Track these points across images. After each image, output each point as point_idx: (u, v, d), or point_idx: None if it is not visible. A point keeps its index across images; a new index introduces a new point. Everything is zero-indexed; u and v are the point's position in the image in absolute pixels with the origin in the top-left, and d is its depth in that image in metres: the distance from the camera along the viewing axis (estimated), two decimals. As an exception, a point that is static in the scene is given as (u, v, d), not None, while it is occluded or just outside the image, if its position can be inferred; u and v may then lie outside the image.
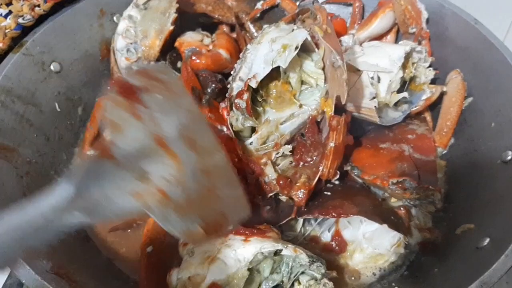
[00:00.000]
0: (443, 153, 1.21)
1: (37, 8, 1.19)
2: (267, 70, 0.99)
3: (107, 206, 0.58)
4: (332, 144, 0.94)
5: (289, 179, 1.00)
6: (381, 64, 1.09)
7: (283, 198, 1.03)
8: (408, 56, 1.13)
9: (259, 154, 1.03)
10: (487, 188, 1.03)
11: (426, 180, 1.02)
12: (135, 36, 1.26)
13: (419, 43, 1.28)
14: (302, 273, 0.85)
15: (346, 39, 1.28)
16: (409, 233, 1.03)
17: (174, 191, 0.64)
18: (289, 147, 1.02)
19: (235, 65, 1.08)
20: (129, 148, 0.61)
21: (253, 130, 1.05)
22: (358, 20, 1.41)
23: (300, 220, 1.05)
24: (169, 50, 1.28)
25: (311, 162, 1.00)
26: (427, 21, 1.29)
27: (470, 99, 1.20)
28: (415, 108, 1.18)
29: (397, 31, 1.37)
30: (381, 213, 1.00)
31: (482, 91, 1.17)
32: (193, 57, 1.21)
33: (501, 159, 1.03)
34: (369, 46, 1.18)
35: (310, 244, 1.04)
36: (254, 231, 0.88)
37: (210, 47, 1.26)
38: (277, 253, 0.84)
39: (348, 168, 1.11)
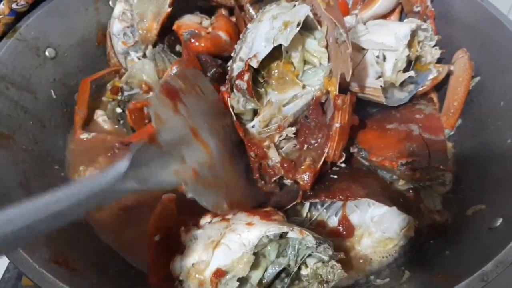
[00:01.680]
0: (450, 134, 1.18)
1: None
2: (268, 49, 0.95)
3: (153, 179, 0.72)
4: (337, 125, 0.90)
5: (293, 162, 0.97)
6: (387, 42, 1.06)
7: (288, 182, 1.00)
8: (414, 34, 1.09)
9: (262, 137, 1.00)
10: (498, 168, 1.00)
11: (436, 159, 0.98)
12: (131, 19, 1.23)
13: (424, 22, 1.25)
14: (309, 255, 0.81)
15: (349, 19, 1.24)
16: (419, 216, 0.99)
17: (204, 172, 0.83)
18: (293, 129, 0.98)
19: (235, 46, 1.05)
20: (171, 136, 0.77)
21: (255, 112, 1.01)
22: (361, 1, 1.38)
23: (306, 205, 1.01)
24: (167, 33, 1.25)
25: (316, 144, 0.97)
26: (432, -1, 1.26)
27: (477, 79, 1.16)
28: (421, 88, 1.15)
29: (401, 11, 1.34)
30: (390, 195, 0.97)
31: (490, 70, 1.14)
32: (192, 40, 1.18)
33: (511, 138, 1.00)
34: (374, 24, 1.14)
35: (317, 229, 1.00)
36: (259, 211, 0.86)
37: (209, 29, 1.22)
38: (282, 236, 0.81)
39: (355, 150, 1.07)
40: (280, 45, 0.96)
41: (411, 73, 1.09)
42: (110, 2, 1.31)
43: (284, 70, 1.00)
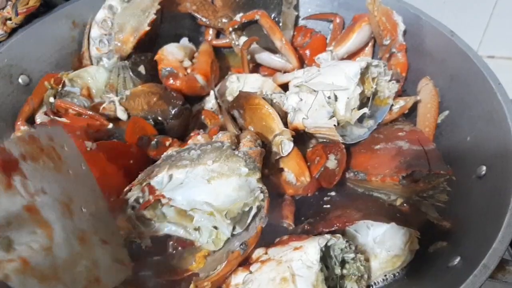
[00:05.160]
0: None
1: (8, 22, 1.18)
2: (182, 207, 0.90)
3: None
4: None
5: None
6: (337, 82, 1.06)
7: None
8: (365, 71, 1.10)
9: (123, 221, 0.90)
10: (461, 204, 1.00)
11: (435, 166, 0.99)
12: (110, 28, 1.26)
13: (390, 57, 1.27)
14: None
15: (325, 56, 1.26)
16: (418, 229, 0.97)
17: (38, 259, 0.63)
18: (149, 243, 0.92)
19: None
20: None
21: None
22: (338, 36, 1.40)
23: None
24: (144, 49, 1.28)
25: None
26: (405, 33, 1.27)
27: (446, 112, 1.18)
28: (388, 117, 1.16)
29: (374, 45, 1.36)
30: (386, 212, 0.97)
31: (459, 104, 1.15)
32: (170, 79, 1.21)
33: (475, 174, 1.00)
34: (326, 65, 1.15)
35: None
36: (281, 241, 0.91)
37: (189, 70, 1.26)
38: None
39: (351, 175, 1.07)
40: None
41: (365, 110, 1.09)
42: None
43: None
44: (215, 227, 0.89)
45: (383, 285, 0.95)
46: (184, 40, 1.41)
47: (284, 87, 1.28)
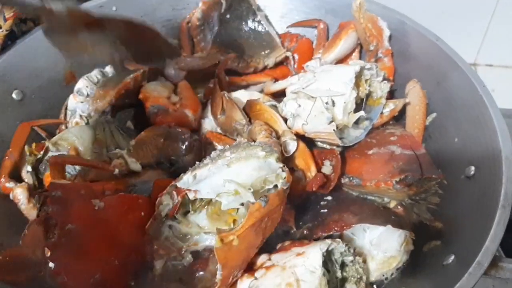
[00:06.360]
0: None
1: (-1, 31, 1.18)
2: (209, 197, 0.92)
3: None
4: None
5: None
6: (333, 88, 1.10)
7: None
8: (359, 75, 1.14)
9: (164, 243, 0.94)
10: (452, 204, 1.04)
11: (427, 170, 1.03)
12: (94, 83, 1.25)
13: (377, 60, 1.30)
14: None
15: (314, 63, 1.29)
16: (412, 229, 1.02)
17: None
18: (191, 259, 0.94)
19: (196, 164, 0.97)
20: None
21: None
22: (323, 42, 1.44)
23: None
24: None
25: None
26: (390, 38, 1.31)
27: (434, 115, 1.22)
28: (379, 121, 1.19)
29: (360, 50, 1.39)
30: (381, 215, 1.00)
31: (446, 107, 1.19)
32: (160, 117, 1.17)
33: (464, 175, 1.04)
34: (321, 71, 1.18)
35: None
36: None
37: (177, 106, 1.22)
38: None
39: (346, 180, 1.10)
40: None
41: (361, 113, 1.12)
42: (79, 43, 1.34)
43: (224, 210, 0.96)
44: (243, 204, 0.90)
45: (380, 285, 0.99)
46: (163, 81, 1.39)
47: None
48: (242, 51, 1.47)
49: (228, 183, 0.89)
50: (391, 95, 1.28)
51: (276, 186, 0.90)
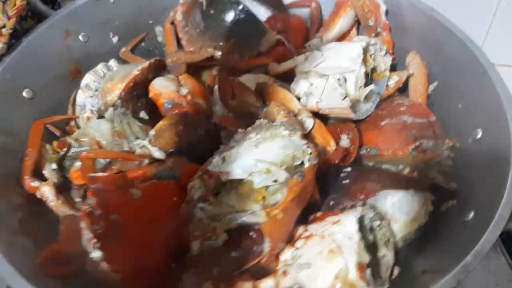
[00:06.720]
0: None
1: (4, 30, 1.16)
2: (241, 177, 0.96)
3: None
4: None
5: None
6: (344, 65, 1.14)
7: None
8: (365, 50, 1.19)
9: (197, 225, 0.98)
10: (464, 167, 1.10)
11: (440, 135, 1.11)
12: (101, 77, 1.27)
13: (377, 35, 1.34)
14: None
15: (315, 42, 1.33)
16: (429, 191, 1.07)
17: None
18: (226, 236, 0.98)
19: (221, 147, 1.03)
20: None
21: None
22: (318, 20, 1.47)
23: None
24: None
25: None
26: (387, 13, 1.35)
27: (435, 84, 1.27)
28: (386, 93, 1.24)
29: (358, 26, 1.44)
30: (400, 181, 1.07)
31: (446, 75, 1.24)
32: (176, 111, 1.17)
33: (472, 138, 1.10)
34: (327, 49, 1.22)
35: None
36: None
37: (188, 97, 1.24)
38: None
39: (363, 151, 1.15)
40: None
41: (372, 86, 1.17)
42: (80, 37, 1.34)
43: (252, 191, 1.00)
44: (275, 181, 0.94)
45: (404, 245, 1.04)
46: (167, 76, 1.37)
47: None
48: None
49: (260, 162, 0.93)
50: (392, 69, 1.33)
51: (302, 162, 0.95)
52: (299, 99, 1.17)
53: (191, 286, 0.96)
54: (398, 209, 1.03)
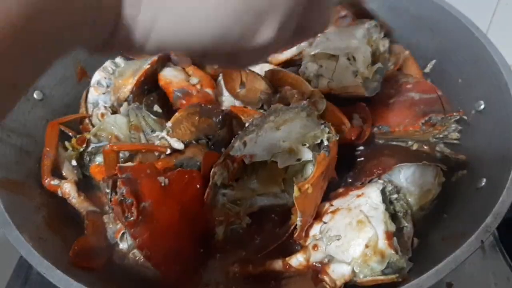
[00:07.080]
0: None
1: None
2: (264, 158, 0.99)
3: None
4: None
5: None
6: (351, 45, 1.19)
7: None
8: (368, 32, 1.24)
9: (221, 211, 1.00)
10: (468, 138, 1.15)
11: (448, 109, 1.15)
12: (111, 74, 1.28)
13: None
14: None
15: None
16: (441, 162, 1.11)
17: None
18: (249, 220, 1.03)
19: (239, 132, 1.01)
20: None
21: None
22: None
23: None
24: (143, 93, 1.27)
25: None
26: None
27: (433, 62, 1.32)
28: (388, 72, 1.28)
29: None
30: (414, 154, 1.11)
31: (443, 52, 1.29)
32: (184, 100, 1.21)
33: (475, 110, 1.14)
34: (330, 33, 1.25)
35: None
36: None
37: (198, 86, 1.26)
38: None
39: (375, 129, 1.19)
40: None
41: (379, 64, 1.22)
42: (84, 38, 1.34)
43: (275, 172, 1.04)
44: (299, 160, 0.98)
45: (421, 217, 1.08)
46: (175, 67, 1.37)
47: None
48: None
49: (283, 142, 0.96)
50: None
51: (322, 141, 0.98)
52: (309, 82, 1.19)
53: (218, 271, 0.99)
54: (412, 182, 1.07)
